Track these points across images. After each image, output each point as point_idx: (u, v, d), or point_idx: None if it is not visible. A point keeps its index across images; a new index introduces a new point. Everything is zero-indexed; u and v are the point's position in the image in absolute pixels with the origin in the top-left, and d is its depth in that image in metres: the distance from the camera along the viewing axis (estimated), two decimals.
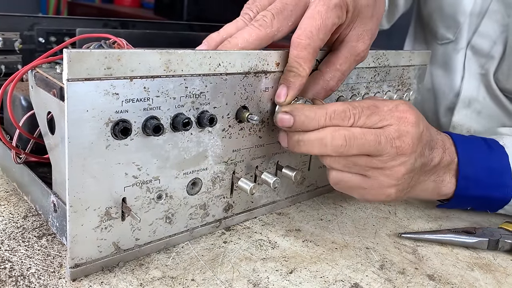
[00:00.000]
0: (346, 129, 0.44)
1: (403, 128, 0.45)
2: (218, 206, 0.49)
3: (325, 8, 0.44)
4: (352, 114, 0.44)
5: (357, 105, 0.45)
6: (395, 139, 0.44)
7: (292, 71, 0.45)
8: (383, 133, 0.44)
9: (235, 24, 0.47)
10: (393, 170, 0.46)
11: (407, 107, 0.46)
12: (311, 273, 0.44)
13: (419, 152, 0.46)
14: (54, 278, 0.39)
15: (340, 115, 0.44)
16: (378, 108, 0.45)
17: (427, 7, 0.87)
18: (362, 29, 0.48)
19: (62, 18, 0.75)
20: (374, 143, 0.44)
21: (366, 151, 0.45)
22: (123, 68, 0.36)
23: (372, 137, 0.44)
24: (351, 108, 0.44)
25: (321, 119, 0.44)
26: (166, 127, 0.40)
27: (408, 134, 0.45)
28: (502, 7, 0.76)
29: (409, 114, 0.45)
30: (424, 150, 0.48)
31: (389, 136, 0.44)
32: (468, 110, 0.84)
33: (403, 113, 0.45)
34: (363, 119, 0.44)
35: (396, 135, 0.45)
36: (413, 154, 0.46)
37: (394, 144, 0.44)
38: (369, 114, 0.45)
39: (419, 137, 0.46)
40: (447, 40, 0.85)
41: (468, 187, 0.53)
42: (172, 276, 0.41)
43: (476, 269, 0.48)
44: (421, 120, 0.47)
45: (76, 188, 0.37)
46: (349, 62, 0.49)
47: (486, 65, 0.80)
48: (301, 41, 0.44)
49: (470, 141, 0.55)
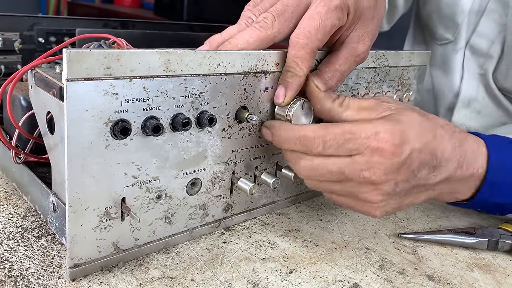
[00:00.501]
0: (308, 159, 0.43)
1: (375, 160, 0.41)
2: (218, 206, 0.49)
3: (326, 9, 0.44)
4: (321, 143, 0.42)
5: (332, 131, 0.42)
6: (363, 170, 0.42)
7: (290, 71, 0.45)
8: (350, 164, 0.42)
9: (238, 27, 0.47)
10: (365, 196, 0.43)
11: (388, 135, 0.41)
12: (310, 273, 0.44)
13: (402, 178, 0.43)
14: (53, 278, 0.39)
15: (308, 142, 0.43)
16: (354, 135, 0.42)
17: (426, 8, 0.88)
18: (363, 31, 0.48)
19: (62, 18, 0.75)
20: (337, 173, 0.42)
21: (330, 179, 0.43)
22: (122, 68, 0.36)
23: (335, 168, 0.42)
24: (321, 136, 0.42)
25: (291, 143, 0.44)
26: (166, 127, 0.40)
27: (380, 165, 0.41)
28: (499, 7, 0.76)
29: (389, 144, 0.41)
30: (417, 172, 0.44)
31: (356, 167, 0.42)
32: (467, 110, 0.84)
33: (381, 142, 0.41)
34: (333, 148, 0.42)
35: (366, 166, 0.42)
36: (387, 182, 0.42)
37: (361, 175, 0.42)
38: (342, 142, 0.42)
39: (397, 167, 0.42)
40: (446, 40, 0.85)
41: (491, 193, 0.49)
42: (171, 276, 0.41)
43: (475, 269, 0.48)
44: (407, 146, 0.42)
45: (75, 188, 0.37)
46: (349, 63, 0.49)
47: (485, 65, 0.81)
48: (299, 41, 0.44)
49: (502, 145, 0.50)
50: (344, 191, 0.44)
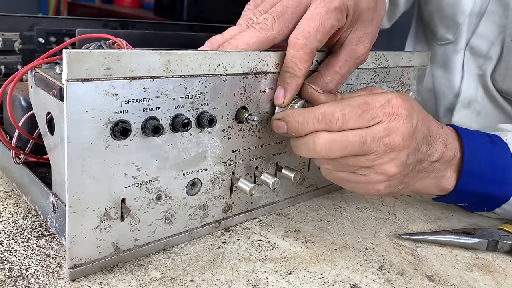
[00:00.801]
0: (328, 134, 0.44)
1: (393, 125, 0.44)
2: (218, 206, 0.49)
3: (325, 10, 0.44)
4: (340, 116, 0.43)
5: (347, 103, 0.44)
6: (383, 137, 0.43)
7: (288, 72, 0.45)
8: (370, 132, 0.43)
9: (239, 28, 0.47)
10: (382, 168, 0.45)
11: (400, 100, 0.44)
12: (310, 273, 0.44)
13: (412, 148, 0.45)
14: (53, 279, 0.39)
15: (327, 118, 0.43)
16: (369, 105, 0.44)
17: (427, 7, 0.88)
18: (363, 32, 0.48)
19: (62, 18, 0.75)
20: (359, 144, 0.43)
21: (350, 153, 0.44)
22: (122, 68, 0.36)
23: (356, 138, 0.43)
24: (339, 109, 0.43)
25: (310, 123, 0.44)
26: (166, 128, 0.40)
27: (398, 130, 0.44)
28: (500, 8, 0.76)
29: (402, 109, 0.44)
30: (420, 146, 0.46)
31: (376, 135, 0.43)
32: (467, 111, 0.84)
33: (395, 108, 0.44)
34: (353, 120, 0.43)
35: (385, 133, 0.43)
36: (404, 150, 0.44)
37: (382, 142, 0.43)
38: (360, 113, 0.43)
39: (411, 133, 0.44)
40: (447, 41, 0.85)
41: (470, 182, 0.52)
42: (171, 276, 0.41)
43: (475, 270, 0.48)
44: (415, 114, 0.45)
45: (75, 188, 0.37)
46: (349, 65, 0.49)
47: (484, 66, 0.81)
48: (298, 41, 0.44)
49: (475, 135, 0.54)
50: (359, 165, 0.45)
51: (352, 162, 0.45)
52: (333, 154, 0.44)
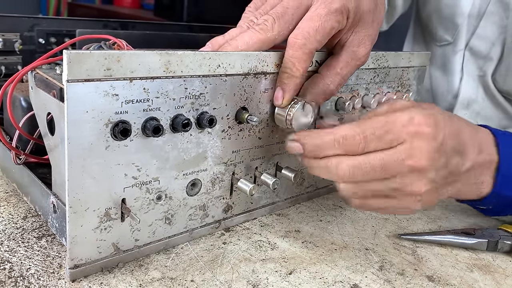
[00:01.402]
0: (351, 159, 0.42)
1: (416, 145, 0.41)
2: (218, 207, 0.49)
3: (326, 11, 0.44)
4: (362, 139, 0.41)
5: (369, 125, 0.42)
6: (406, 159, 0.41)
7: (286, 72, 0.45)
8: (393, 155, 0.41)
9: (240, 30, 0.47)
10: (410, 189, 0.43)
11: (422, 118, 0.42)
12: (310, 274, 0.44)
13: (440, 165, 0.43)
14: (53, 279, 0.39)
15: (349, 142, 0.42)
16: (391, 126, 0.42)
17: (425, 9, 0.88)
18: (364, 34, 0.49)
19: (62, 19, 0.75)
20: (381, 168, 0.42)
21: (374, 177, 0.42)
22: (122, 69, 0.36)
23: (379, 162, 0.41)
24: (360, 132, 0.42)
25: (330, 147, 0.42)
26: (166, 128, 0.40)
27: (422, 149, 0.41)
28: (500, 9, 0.76)
29: (425, 126, 0.42)
30: (450, 159, 0.44)
31: (399, 157, 0.41)
32: (467, 111, 0.84)
33: (418, 126, 0.42)
34: (375, 143, 0.41)
35: (408, 154, 0.41)
36: (430, 169, 0.42)
37: (405, 164, 0.41)
38: (382, 134, 0.41)
39: (437, 150, 0.42)
40: (446, 42, 0.85)
41: (506, 186, 0.49)
42: (171, 277, 0.42)
43: (475, 270, 0.48)
44: (441, 129, 0.42)
45: (75, 189, 0.37)
46: (350, 66, 0.49)
47: (484, 67, 0.81)
48: (297, 41, 0.44)
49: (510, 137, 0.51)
50: (387, 189, 0.43)
51: (378, 186, 0.43)
52: (358, 178, 0.42)
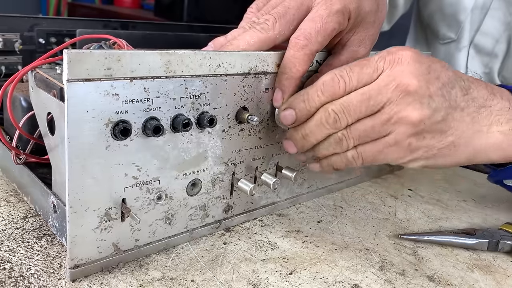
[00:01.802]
0: (332, 104, 0.41)
1: (397, 69, 0.40)
2: (218, 207, 0.49)
3: (327, 12, 0.44)
4: (339, 78, 0.41)
5: (345, 66, 0.42)
6: (388, 84, 0.39)
7: (285, 73, 0.45)
8: (373, 85, 0.40)
9: (242, 30, 0.47)
10: (401, 115, 0.39)
11: (399, 47, 0.41)
12: (311, 274, 0.44)
13: (435, 89, 0.40)
14: (53, 279, 0.39)
15: (328, 84, 0.42)
16: (368, 60, 0.41)
17: (427, 7, 0.88)
18: (364, 35, 0.49)
19: (62, 19, 0.75)
20: (364, 100, 0.40)
21: (364, 113, 0.41)
22: (123, 68, 0.36)
23: (359, 96, 0.40)
24: (337, 72, 0.41)
25: (315, 97, 0.42)
26: (166, 128, 0.40)
27: (403, 72, 0.39)
28: (503, 5, 0.77)
29: (402, 51, 0.40)
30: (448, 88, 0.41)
31: (380, 84, 0.40)
32: None
33: (395, 54, 0.40)
34: (355, 78, 0.41)
35: (390, 79, 0.39)
36: (420, 90, 0.39)
37: (389, 88, 0.39)
38: (359, 70, 0.41)
39: (423, 71, 0.39)
40: (449, 39, 0.85)
41: None
42: (171, 277, 0.41)
43: (476, 270, 0.48)
44: (423, 57, 0.41)
45: (76, 189, 0.37)
46: None
47: (490, 64, 0.81)
48: (299, 42, 0.44)
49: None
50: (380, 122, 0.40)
51: (370, 124, 0.41)
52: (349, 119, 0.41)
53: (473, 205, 0.63)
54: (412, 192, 0.66)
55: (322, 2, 0.45)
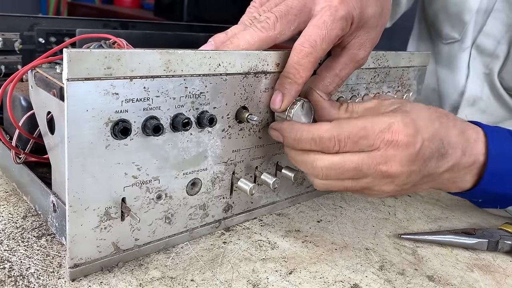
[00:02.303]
0: (325, 159, 0.44)
1: (390, 153, 0.43)
2: (218, 206, 0.49)
3: (331, 19, 0.44)
4: (337, 142, 0.43)
5: (346, 129, 0.43)
6: (379, 165, 0.43)
7: (289, 78, 0.45)
8: (366, 160, 0.43)
9: (242, 27, 0.47)
10: (381, 189, 0.45)
11: (402, 126, 0.43)
12: (310, 273, 0.44)
13: (414, 170, 0.44)
14: (53, 278, 0.39)
15: (324, 143, 0.43)
16: (368, 132, 0.43)
17: (432, 6, 0.88)
18: (365, 38, 0.48)
19: (62, 18, 0.75)
20: (355, 170, 0.43)
21: (347, 177, 0.44)
22: (123, 68, 0.36)
23: (353, 165, 0.43)
24: (336, 135, 0.43)
25: (306, 144, 0.44)
26: (166, 127, 0.40)
27: (396, 158, 0.43)
28: (506, 6, 0.76)
29: (402, 135, 0.43)
30: (427, 163, 0.45)
31: (373, 162, 0.43)
32: (472, 109, 0.84)
33: (395, 135, 0.43)
34: (349, 146, 0.43)
35: (382, 160, 0.43)
36: (402, 175, 0.44)
37: (378, 169, 0.43)
38: (357, 140, 0.43)
39: (411, 158, 0.43)
40: (453, 39, 0.85)
41: (493, 183, 0.50)
42: (171, 276, 0.41)
43: (475, 270, 0.48)
44: (419, 136, 0.43)
45: (75, 188, 0.37)
46: (349, 68, 0.49)
47: (491, 65, 0.81)
48: (304, 49, 0.44)
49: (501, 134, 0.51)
50: (358, 186, 0.45)
51: (350, 184, 0.45)
52: (329, 178, 0.45)
53: (472, 205, 0.63)
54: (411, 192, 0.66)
55: (326, 8, 0.44)
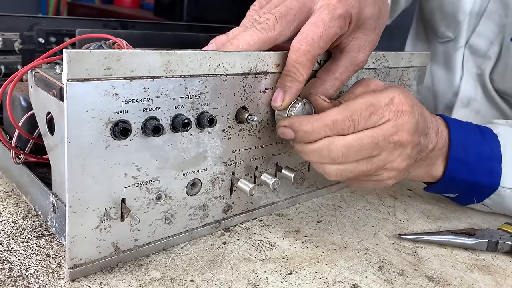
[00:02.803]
0: (342, 139, 0.44)
1: (400, 122, 0.45)
2: (218, 207, 0.49)
3: (329, 17, 0.44)
4: (351, 121, 0.44)
5: (356, 108, 0.44)
6: (392, 135, 0.45)
7: (290, 76, 0.45)
8: (380, 132, 0.45)
9: (243, 29, 0.47)
10: (393, 165, 0.47)
11: (402, 97, 0.46)
12: (310, 274, 0.44)
13: (415, 141, 0.47)
14: (53, 279, 0.39)
15: (339, 125, 0.44)
16: (375, 106, 0.45)
17: (428, 5, 0.88)
18: (364, 40, 0.48)
19: (62, 18, 0.75)
20: (372, 145, 0.45)
21: (365, 155, 0.45)
22: (123, 68, 0.36)
23: (369, 140, 0.44)
24: (349, 115, 0.44)
25: (321, 132, 0.44)
26: (166, 128, 0.40)
27: (404, 126, 0.45)
28: (500, 8, 0.77)
29: (406, 105, 0.46)
30: (420, 137, 0.48)
31: (386, 133, 0.45)
32: (466, 110, 0.84)
33: (399, 105, 0.45)
34: (363, 123, 0.45)
35: (394, 130, 0.45)
36: (409, 144, 0.46)
37: (391, 140, 0.45)
38: (368, 116, 0.45)
39: (415, 127, 0.46)
40: (447, 38, 0.85)
41: (458, 170, 0.53)
42: (171, 277, 0.41)
43: (475, 270, 0.48)
44: (415, 107, 0.47)
45: (75, 188, 0.37)
46: (349, 71, 0.49)
47: (483, 65, 0.81)
48: (301, 47, 0.44)
49: (464, 125, 0.55)
50: (373, 167, 0.46)
51: (365, 166, 0.46)
52: (349, 159, 0.45)
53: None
54: (411, 192, 0.66)
55: (324, 6, 0.44)
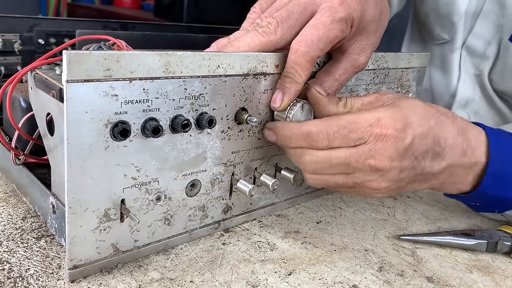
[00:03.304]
0: (311, 153, 0.44)
1: (379, 146, 0.43)
2: (217, 207, 0.49)
3: (330, 19, 0.44)
4: (325, 136, 0.43)
5: (335, 123, 0.43)
6: (368, 159, 0.43)
7: (289, 77, 0.45)
8: (355, 153, 0.43)
9: (245, 32, 0.47)
10: (371, 184, 0.45)
11: (390, 121, 0.43)
12: (309, 275, 0.44)
13: (406, 166, 0.44)
14: (52, 280, 0.39)
15: (312, 137, 0.44)
16: (356, 125, 0.43)
17: (423, 6, 0.88)
18: (365, 43, 0.48)
19: (61, 19, 0.75)
20: (342, 165, 0.44)
21: (337, 172, 0.44)
22: (122, 69, 0.36)
23: (339, 160, 0.43)
24: (326, 130, 0.43)
25: (296, 140, 0.45)
26: (165, 129, 0.40)
27: (384, 151, 0.43)
28: (496, 7, 0.76)
29: (391, 129, 0.42)
30: (420, 160, 0.45)
31: (361, 156, 0.43)
32: (464, 111, 0.84)
33: (383, 128, 0.43)
34: (338, 140, 0.43)
35: (370, 154, 0.43)
36: (391, 170, 0.43)
37: (367, 163, 0.43)
38: (346, 133, 0.43)
39: (401, 153, 0.43)
40: (443, 40, 0.85)
41: (493, 185, 0.49)
42: (170, 277, 0.41)
43: (474, 271, 0.48)
44: (410, 131, 0.43)
45: (75, 189, 0.37)
46: (349, 73, 0.49)
47: (481, 66, 0.81)
48: (300, 48, 0.44)
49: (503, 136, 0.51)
50: (350, 182, 0.45)
51: (340, 179, 0.45)
52: (318, 173, 0.45)
53: None
54: (411, 193, 0.66)
55: (326, 9, 0.44)
